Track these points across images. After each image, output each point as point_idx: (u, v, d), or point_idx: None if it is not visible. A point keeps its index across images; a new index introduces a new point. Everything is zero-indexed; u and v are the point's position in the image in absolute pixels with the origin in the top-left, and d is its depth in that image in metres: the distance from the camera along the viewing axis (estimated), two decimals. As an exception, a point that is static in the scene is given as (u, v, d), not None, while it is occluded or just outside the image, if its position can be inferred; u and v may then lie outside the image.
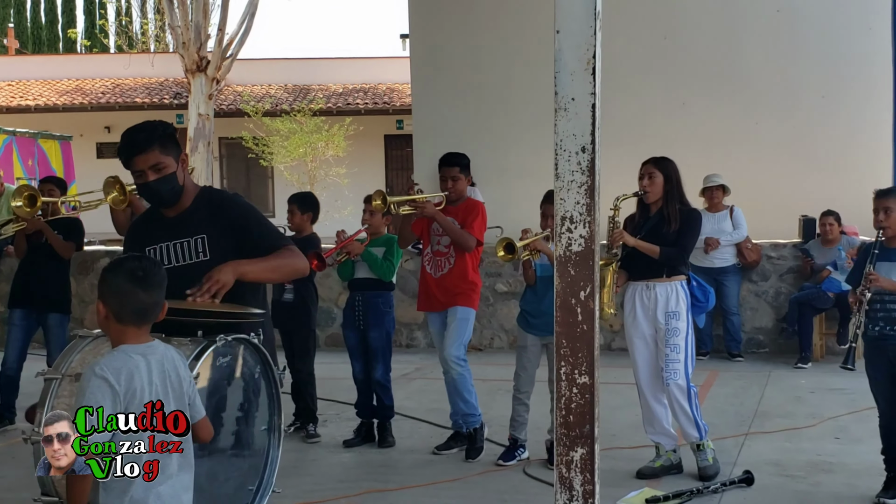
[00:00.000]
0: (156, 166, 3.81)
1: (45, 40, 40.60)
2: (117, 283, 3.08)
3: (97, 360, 3.02)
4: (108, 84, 27.84)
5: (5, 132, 19.79)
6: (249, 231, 3.85)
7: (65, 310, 7.63)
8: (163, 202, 3.92)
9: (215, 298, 3.54)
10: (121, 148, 3.87)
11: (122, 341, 3.08)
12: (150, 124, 3.90)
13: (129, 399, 2.96)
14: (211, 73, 20.40)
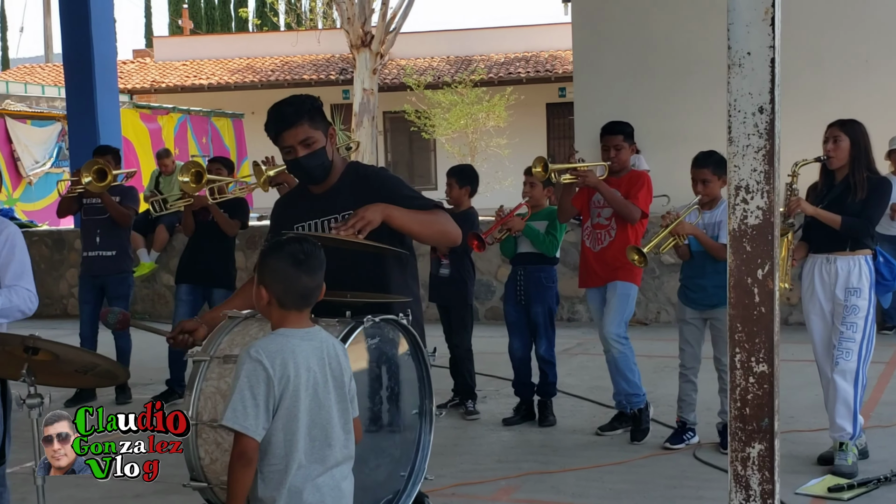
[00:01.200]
0: (305, 141, 3.67)
1: (217, 20, 41.87)
2: (280, 267, 2.95)
3: (254, 343, 2.92)
4: (278, 62, 28.43)
5: (180, 111, 20.47)
6: (399, 203, 3.68)
7: (229, 285, 7.72)
8: (312, 178, 3.77)
9: (360, 234, 3.38)
10: (269, 123, 3.73)
11: (283, 326, 2.98)
12: (298, 98, 3.76)
13: (285, 383, 2.85)
14: (375, 47, 20.52)
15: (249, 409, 2.81)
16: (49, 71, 30.74)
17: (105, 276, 7.85)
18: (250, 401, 2.81)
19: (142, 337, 8.16)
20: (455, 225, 3.81)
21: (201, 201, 7.44)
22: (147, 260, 11.83)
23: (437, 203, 3.84)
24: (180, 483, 5.53)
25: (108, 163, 7.82)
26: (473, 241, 6.48)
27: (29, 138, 17.58)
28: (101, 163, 7.72)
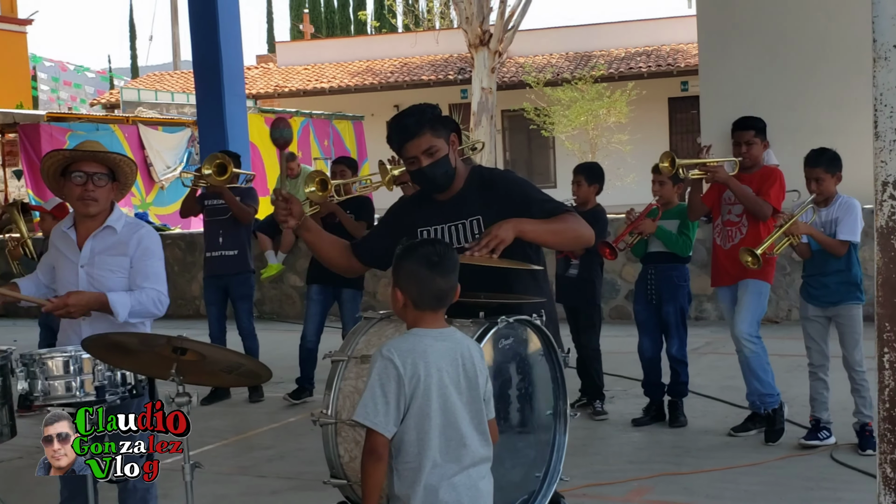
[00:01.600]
0: (428, 150, 3.68)
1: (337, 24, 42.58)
2: (414, 270, 3.00)
3: (387, 342, 2.97)
4: (397, 63, 28.74)
5: (303, 115, 20.88)
6: (527, 205, 3.67)
7: (357, 285, 7.85)
8: (437, 187, 3.77)
9: (493, 254, 3.39)
10: (391, 135, 3.76)
11: (418, 325, 3.02)
12: (419, 108, 3.78)
13: (415, 382, 2.89)
14: (493, 46, 20.54)
15: (380, 406, 2.87)
16: (177, 78, 31.72)
17: (228, 275, 8.03)
18: (381, 398, 2.87)
19: (271, 336, 8.41)
20: (587, 226, 3.78)
21: (328, 208, 7.58)
22: (274, 261, 12.08)
23: (565, 206, 3.82)
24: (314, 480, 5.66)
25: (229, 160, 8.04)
26: (605, 249, 6.43)
27: (160, 144, 18.17)
28: (221, 157, 7.93)
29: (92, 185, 4.03)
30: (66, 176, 4.06)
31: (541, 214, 3.65)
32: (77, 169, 4.03)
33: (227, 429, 7.07)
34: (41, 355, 3.61)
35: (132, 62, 51.95)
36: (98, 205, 4.08)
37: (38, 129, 15.80)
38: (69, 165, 4.06)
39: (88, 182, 4.03)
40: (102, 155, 4.07)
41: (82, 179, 4.02)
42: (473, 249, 3.39)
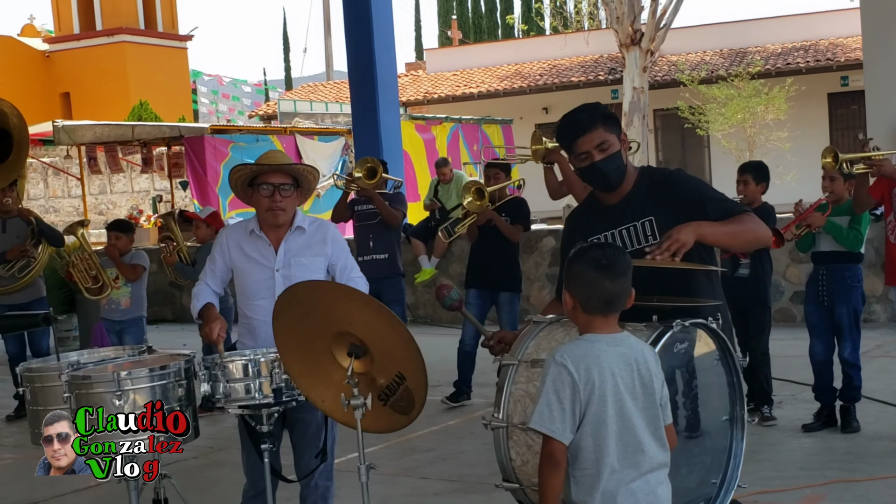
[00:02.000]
0: (601, 145, 3.63)
1: (485, 29, 42.81)
2: (584, 273, 2.99)
3: (559, 347, 2.96)
4: (545, 66, 28.66)
5: (452, 120, 21.03)
6: (702, 205, 3.59)
7: (515, 288, 7.86)
8: (609, 183, 3.71)
9: (675, 257, 3.33)
10: (562, 131, 3.73)
11: (589, 331, 3.01)
12: (589, 105, 3.76)
13: (590, 389, 2.87)
14: (645, 45, 20.29)
15: (556, 413, 2.85)
16: (331, 88, 32.44)
17: (379, 279, 8.16)
18: (556, 405, 2.86)
19: (428, 340, 8.47)
20: (765, 226, 3.68)
21: (486, 215, 7.62)
22: (428, 266, 12.22)
23: (741, 205, 3.74)
24: (476, 482, 5.70)
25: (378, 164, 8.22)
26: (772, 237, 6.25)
27: (316, 153, 18.58)
28: (371, 161, 8.09)
29: (279, 196, 4.16)
30: (254, 187, 4.21)
31: (717, 214, 3.57)
32: (264, 181, 4.18)
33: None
34: (222, 359, 3.74)
35: (286, 74, 53.51)
36: (286, 214, 4.22)
37: (202, 141, 16.39)
38: (256, 177, 4.20)
39: (275, 193, 4.16)
40: (287, 166, 4.21)
41: (269, 191, 4.16)
42: (654, 253, 3.34)
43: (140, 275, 8.03)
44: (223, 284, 4.41)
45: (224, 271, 4.38)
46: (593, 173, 3.69)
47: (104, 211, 26.10)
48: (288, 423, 4.18)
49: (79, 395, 3.69)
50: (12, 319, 6.26)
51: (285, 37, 54.71)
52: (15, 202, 8.40)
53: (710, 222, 3.50)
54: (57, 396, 3.86)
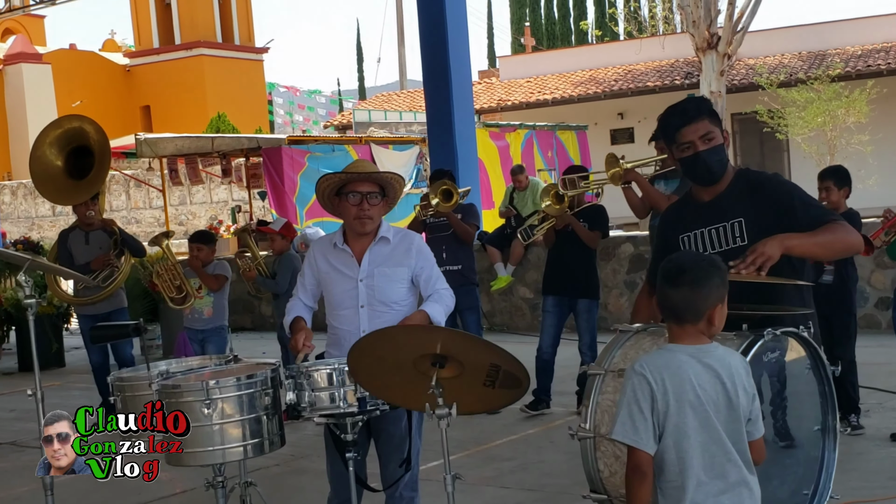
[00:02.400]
0: (706, 136, 3.65)
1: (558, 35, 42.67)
2: (659, 282, 3.01)
3: (640, 358, 2.94)
4: (620, 71, 28.47)
5: (526, 127, 20.99)
6: (793, 211, 3.54)
7: (593, 295, 7.80)
8: (711, 174, 3.70)
9: (760, 271, 3.28)
10: (668, 120, 3.73)
11: (673, 340, 2.98)
12: (696, 98, 3.81)
13: (669, 399, 2.84)
14: (722, 48, 20.02)
15: (638, 423, 2.84)
16: (404, 97, 32.63)
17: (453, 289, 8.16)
18: (638, 414, 2.84)
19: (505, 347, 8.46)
20: (856, 233, 3.62)
21: (565, 220, 7.57)
22: (504, 273, 12.18)
23: (832, 213, 3.67)
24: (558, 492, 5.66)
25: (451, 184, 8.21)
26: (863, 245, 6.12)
27: (391, 162, 18.69)
28: (448, 184, 8.10)
29: (367, 204, 4.20)
30: (341, 196, 4.24)
31: (806, 220, 3.51)
32: (352, 189, 4.21)
33: (468, 440, 7.17)
34: (307, 368, 3.78)
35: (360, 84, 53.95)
36: (373, 222, 4.25)
37: (279, 152, 16.59)
38: (343, 186, 4.24)
39: (363, 201, 4.20)
40: (375, 175, 4.24)
41: (357, 199, 4.20)
42: (739, 267, 3.31)
43: (222, 285, 8.14)
44: (315, 298, 4.45)
45: (314, 285, 4.42)
46: (696, 163, 3.68)
47: (184, 221, 26.59)
48: (373, 432, 4.20)
49: (169, 404, 3.75)
50: (104, 330, 6.40)
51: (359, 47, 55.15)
52: (97, 215, 8.60)
53: (798, 234, 3.45)
54: (147, 405, 3.93)
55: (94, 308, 8.54)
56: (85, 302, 8.60)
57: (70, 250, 8.63)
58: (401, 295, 4.26)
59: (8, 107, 38.04)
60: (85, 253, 8.54)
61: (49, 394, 4.63)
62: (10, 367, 12.39)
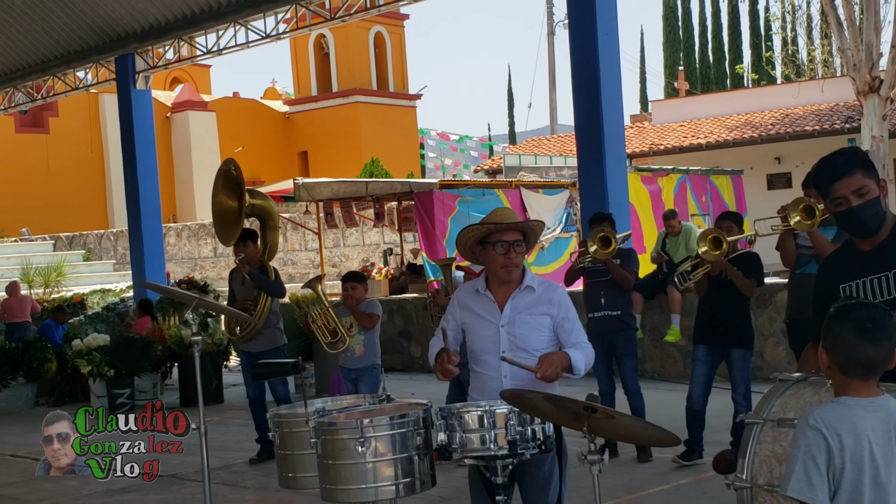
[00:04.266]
0: (859, 190, 3.56)
1: (713, 79, 42.07)
2: (843, 335, 2.89)
3: (813, 410, 2.88)
4: (777, 115, 27.86)
5: (679, 171, 20.71)
6: None
7: (747, 345, 7.61)
8: (866, 229, 3.62)
9: None
10: (820, 175, 3.68)
11: (845, 393, 2.90)
12: (848, 149, 3.70)
13: (845, 456, 2.77)
14: (884, 92, 19.43)
15: (815, 480, 2.76)
16: (554, 142, 32.73)
17: (613, 333, 8.11)
18: (814, 470, 2.77)
19: (653, 395, 8.34)
20: None
21: (720, 266, 7.43)
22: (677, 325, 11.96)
23: None
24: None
25: (609, 230, 8.12)
26: None
27: (541, 206, 18.75)
28: (607, 231, 8.03)
29: (514, 253, 4.26)
30: (484, 245, 4.31)
31: None
32: (499, 239, 4.28)
33: (618, 488, 7.08)
34: (458, 409, 3.82)
35: (510, 128, 54.40)
36: (518, 269, 4.30)
37: (431, 196, 16.86)
38: (488, 235, 4.31)
39: (510, 250, 4.26)
40: (521, 224, 4.29)
41: (504, 248, 4.26)
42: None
43: (375, 323, 8.30)
44: (456, 342, 4.51)
45: (456, 329, 4.48)
46: (850, 219, 3.61)
47: (337, 263, 27.23)
48: (517, 475, 4.21)
49: (325, 441, 3.85)
50: (265, 367, 6.63)
51: (510, 92, 55.79)
52: (250, 256, 8.86)
53: None
54: (304, 441, 4.05)
55: (250, 346, 8.85)
56: (239, 339, 8.94)
57: (233, 289, 9.03)
58: (542, 343, 4.27)
59: (174, 152, 39.90)
60: (241, 292, 8.91)
61: (209, 428, 4.81)
62: (173, 402, 12.90)
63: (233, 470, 8.57)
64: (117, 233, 31.50)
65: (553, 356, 4.14)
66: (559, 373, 4.11)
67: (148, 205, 17.63)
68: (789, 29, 34.95)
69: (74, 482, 7.91)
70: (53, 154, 36.52)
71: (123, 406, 12.40)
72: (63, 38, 18.27)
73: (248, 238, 8.88)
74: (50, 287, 23.82)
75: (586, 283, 8.37)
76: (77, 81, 20.11)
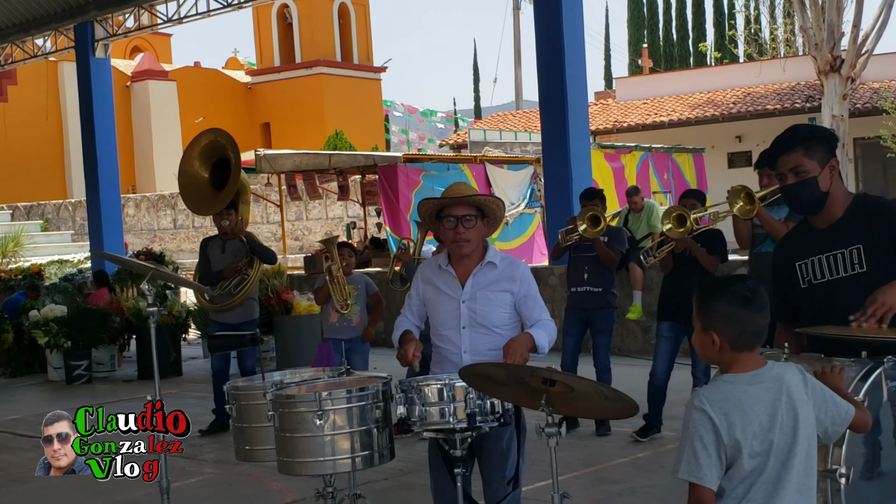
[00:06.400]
0: (794, 168, 3.61)
1: (676, 56, 42.20)
2: (731, 310, 2.88)
3: (698, 392, 2.89)
4: (739, 94, 28.02)
5: (642, 149, 20.80)
6: None
7: (708, 321, 7.64)
8: (800, 207, 3.72)
9: (882, 323, 3.19)
10: (769, 148, 3.76)
11: (729, 370, 2.90)
12: (800, 126, 3.71)
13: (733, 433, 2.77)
14: (845, 72, 19.57)
15: (703, 461, 2.78)
16: (520, 117, 32.70)
17: (592, 309, 8.12)
18: (702, 451, 2.78)
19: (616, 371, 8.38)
20: None
21: (684, 243, 7.44)
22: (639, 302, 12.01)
23: None
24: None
25: (599, 208, 8.07)
26: None
27: (505, 182, 18.76)
28: (595, 210, 7.99)
29: (462, 228, 4.23)
30: (441, 220, 4.30)
31: None
32: (449, 213, 4.26)
33: (577, 461, 7.12)
34: (418, 382, 3.81)
35: (475, 104, 54.27)
36: (470, 245, 4.27)
37: (395, 169, 16.81)
38: (441, 210, 4.29)
39: (459, 225, 4.23)
40: (469, 198, 4.26)
41: (453, 223, 4.24)
42: (860, 319, 3.24)
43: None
44: (421, 318, 4.49)
45: (420, 305, 4.47)
46: (785, 195, 3.72)
47: (300, 237, 27.11)
48: (476, 449, 4.21)
49: (282, 414, 3.82)
50: (222, 339, 6.57)
51: (476, 68, 55.50)
52: (233, 224, 8.84)
53: None
54: (261, 414, 4.02)
55: (224, 317, 8.80)
56: (217, 308, 8.87)
57: (208, 257, 8.96)
58: (503, 319, 4.26)
59: (134, 122, 39.47)
60: (220, 260, 8.85)
61: (166, 401, 4.76)
62: (130, 374, 12.81)
63: (190, 443, 8.51)
64: (76, 203, 31.17)
65: (516, 342, 4.13)
66: (526, 356, 4.11)
67: (106, 175, 17.43)
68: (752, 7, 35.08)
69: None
70: (11, 123, 35.97)
71: (81, 378, 12.30)
72: (22, 4, 17.97)
73: (231, 206, 8.83)
74: (7, 257, 23.51)
75: (571, 258, 8.34)
76: (36, 49, 19.82)
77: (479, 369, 3.56)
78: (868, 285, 3.44)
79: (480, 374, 3.55)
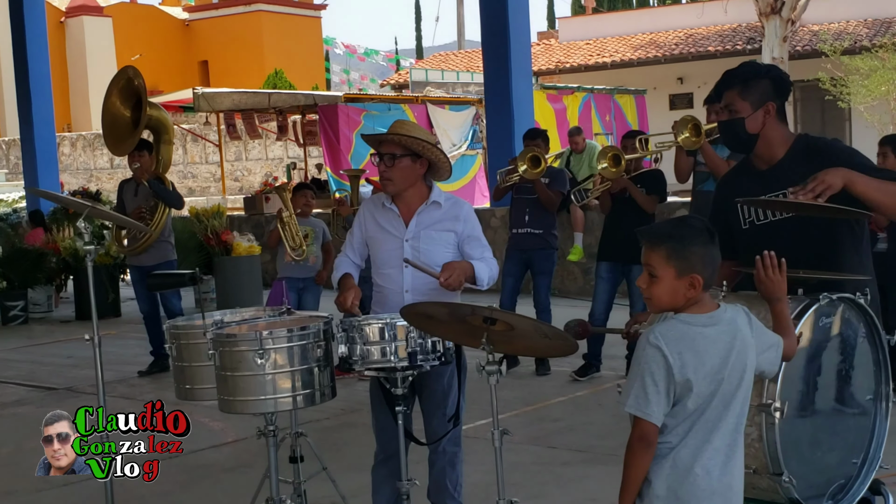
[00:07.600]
0: (728, 106, 3.68)
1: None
2: (705, 250, 2.85)
3: (653, 328, 2.86)
4: (681, 35, 28.09)
5: (584, 90, 20.81)
6: None
7: (647, 261, 7.72)
8: (728, 146, 3.99)
9: (819, 199, 3.24)
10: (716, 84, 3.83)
11: (686, 310, 2.87)
12: (745, 65, 3.75)
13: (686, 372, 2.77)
14: (785, 13, 19.72)
15: (651, 396, 2.78)
16: (462, 57, 32.49)
17: (532, 250, 8.16)
18: (652, 387, 2.78)
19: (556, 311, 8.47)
20: None
21: (620, 184, 7.48)
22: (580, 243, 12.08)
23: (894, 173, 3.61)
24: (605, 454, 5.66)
25: (541, 148, 8.06)
26: None
27: (447, 123, 18.68)
28: (536, 151, 7.97)
29: (384, 166, 4.20)
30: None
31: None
32: (376, 150, 4.24)
33: (517, 400, 7.20)
34: (359, 322, 3.80)
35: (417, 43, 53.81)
36: (394, 184, 4.23)
37: (335, 109, 16.64)
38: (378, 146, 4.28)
39: (381, 163, 4.21)
40: (392, 136, 4.21)
41: (380, 161, 4.22)
42: (798, 192, 3.27)
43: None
44: (362, 257, 4.45)
45: (361, 244, 4.43)
46: (720, 130, 3.84)
47: (239, 177, 26.82)
48: (417, 388, 4.23)
49: (223, 353, 3.80)
50: (161, 278, 6.45)
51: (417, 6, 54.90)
52: (146, 166, 8.62)
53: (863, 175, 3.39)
54: (202, 353, 3.99)
55: (141, 260, 8.69)
56: (127, 252, 8.77)
57: (123, 200, 8.80)
58: (446, 258, 4.22)
59: (69, 59, 38.55)
60: (132, 203, 8.69)
61: (105, 342, 4.71)
62: (68, 315, 12.66)
63: (129, 383, 8.47)
64: (9, 141, 30.47)
65: (457, 264, 4.13)
66: (462, 280, 4.10)
67: (40, 113, 17.03)
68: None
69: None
70: (-60, 59, 34.96)
71: (17, 318, 12.12)
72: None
73: (143, 148, 8.64)
74: (-61, 197, 22.99)
75: (513, 199, 8.34)
76: (-37, -18, 19.18)
77: (421, 308, 3.56)
78: (810, 225, 3.49)
79: (422, 313, 3.55)
